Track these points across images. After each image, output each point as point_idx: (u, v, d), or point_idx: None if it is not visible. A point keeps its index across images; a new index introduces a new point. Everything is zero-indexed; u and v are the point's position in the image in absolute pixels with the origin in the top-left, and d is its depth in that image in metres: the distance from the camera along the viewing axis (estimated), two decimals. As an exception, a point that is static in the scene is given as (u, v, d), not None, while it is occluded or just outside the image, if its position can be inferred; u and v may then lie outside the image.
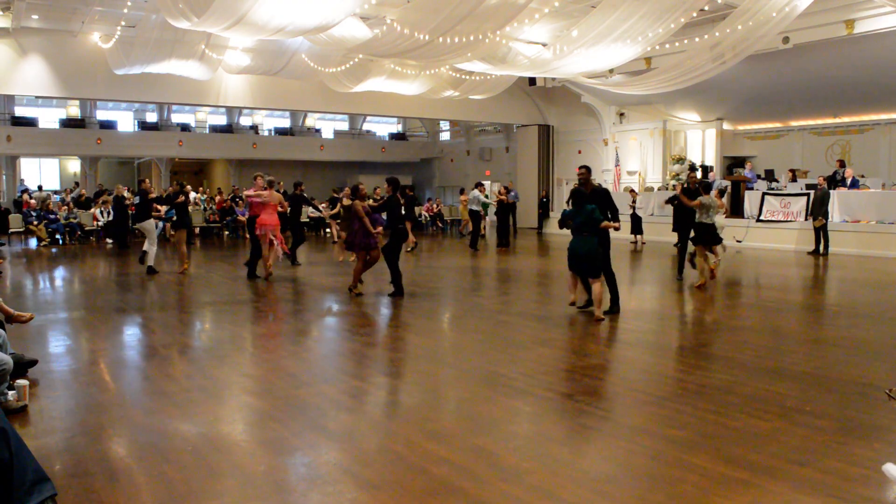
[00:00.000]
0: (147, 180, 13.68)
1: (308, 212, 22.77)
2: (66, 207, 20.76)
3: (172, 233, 14.55)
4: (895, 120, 18.55)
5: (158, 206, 13.09)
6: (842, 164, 17.78)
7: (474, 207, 17.94)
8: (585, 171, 8.77)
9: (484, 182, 21.26)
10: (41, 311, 8.51)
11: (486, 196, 18.20)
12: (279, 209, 11.86)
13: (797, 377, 5.72)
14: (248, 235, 12.73)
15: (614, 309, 8.39)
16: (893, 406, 4.84)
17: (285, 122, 32.25)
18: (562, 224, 8.49)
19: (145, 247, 12.76)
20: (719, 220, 14.09)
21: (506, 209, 18.45)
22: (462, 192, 22.60)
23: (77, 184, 25.99)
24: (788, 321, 8.60)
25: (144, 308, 9.38)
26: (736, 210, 18.36)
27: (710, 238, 10.68)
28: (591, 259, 8.04)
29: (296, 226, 14.52)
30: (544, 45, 14.77)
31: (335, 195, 16.19)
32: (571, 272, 8.30)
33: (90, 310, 9.21)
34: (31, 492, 3.10)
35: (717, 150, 22.04)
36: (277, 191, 12.60)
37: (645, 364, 6.31)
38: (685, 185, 11.83)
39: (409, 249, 16.27)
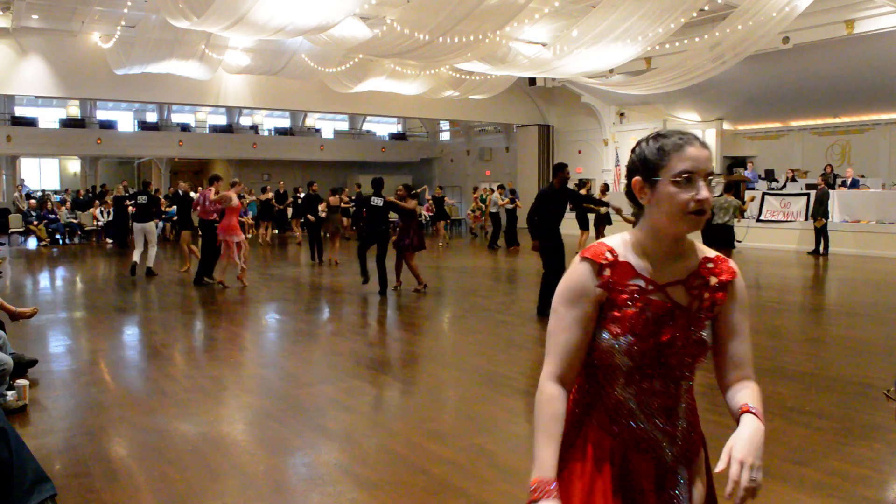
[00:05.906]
0: (151, 183, 13.63)
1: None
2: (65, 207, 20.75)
3: (173, 233, 14.50)
4: (895, 120, 18.55)
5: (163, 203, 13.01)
6: (831, 168, 17.83)
7: (494, 210, 18.27)
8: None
9: (493, 184, 21.44)
10: (41, 312, 8.47)
11: (496, 202, 18.42)
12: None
13: (797, 377, 5.71)
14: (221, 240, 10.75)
15: None
16: (892, 406, 4.84)
17: (285, 122, 32.21)
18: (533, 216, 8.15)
19: (135, 257, 12.39)
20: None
21: (513, 211, 18.61)
22: (475, 189, 23.01)
23: (67, 190, 25.87)
24: (788, 321, 8.60)
25: (145, 308, 9.38)
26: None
27: (720, 240, 10.44)
28: None
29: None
30: (544, 45, 14.77)
31: (341, 200, 15.73)
32: None
33: (90, 310, 9.21)
34: (31, 492, 3.10)
35: (717, 150, 21.97)
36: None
37: (645, 364, 6.29)
38: None
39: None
